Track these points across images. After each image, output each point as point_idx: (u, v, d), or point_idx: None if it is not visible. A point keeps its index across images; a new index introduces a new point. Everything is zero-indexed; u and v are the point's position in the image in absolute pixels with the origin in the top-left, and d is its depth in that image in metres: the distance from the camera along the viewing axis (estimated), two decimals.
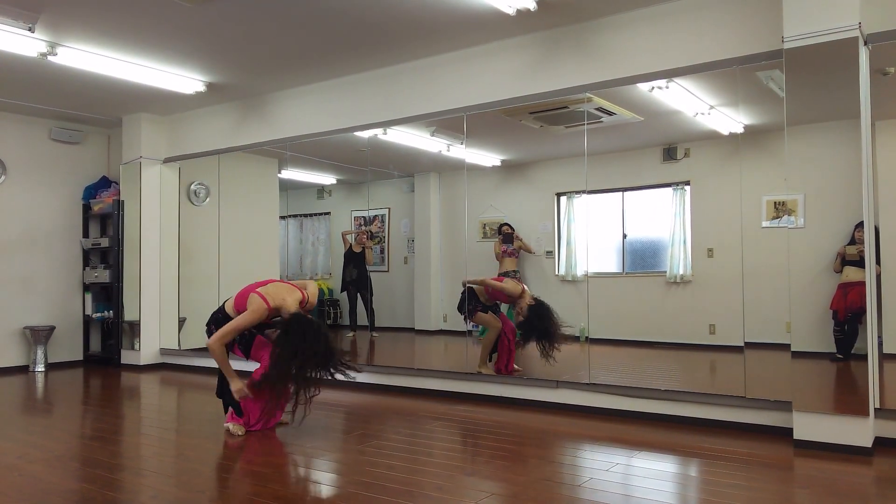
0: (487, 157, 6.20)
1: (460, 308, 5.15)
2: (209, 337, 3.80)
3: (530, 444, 3.61)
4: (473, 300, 5.10)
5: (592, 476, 2.94)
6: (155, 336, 6.71)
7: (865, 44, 3.37)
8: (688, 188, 5.69)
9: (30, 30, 4.34)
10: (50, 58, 4.77)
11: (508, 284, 5.09)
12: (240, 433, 3.72)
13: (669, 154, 5.74)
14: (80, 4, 4.11)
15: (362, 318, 7.23)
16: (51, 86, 5.69)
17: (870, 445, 3.19)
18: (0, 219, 6.50)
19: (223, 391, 3.88)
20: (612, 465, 3.12)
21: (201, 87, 5.66)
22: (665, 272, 5.82)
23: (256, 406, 3.77)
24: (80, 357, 7.02)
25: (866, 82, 3.37)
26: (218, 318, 3.87)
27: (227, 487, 2.90)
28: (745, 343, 3.92)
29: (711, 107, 4.67)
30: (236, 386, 3.74)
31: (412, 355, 6.73)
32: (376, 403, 4.69)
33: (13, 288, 6.55)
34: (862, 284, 3.29)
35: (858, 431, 3.20)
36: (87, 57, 4.91)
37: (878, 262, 3.51)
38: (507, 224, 6.30)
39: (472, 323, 5.15)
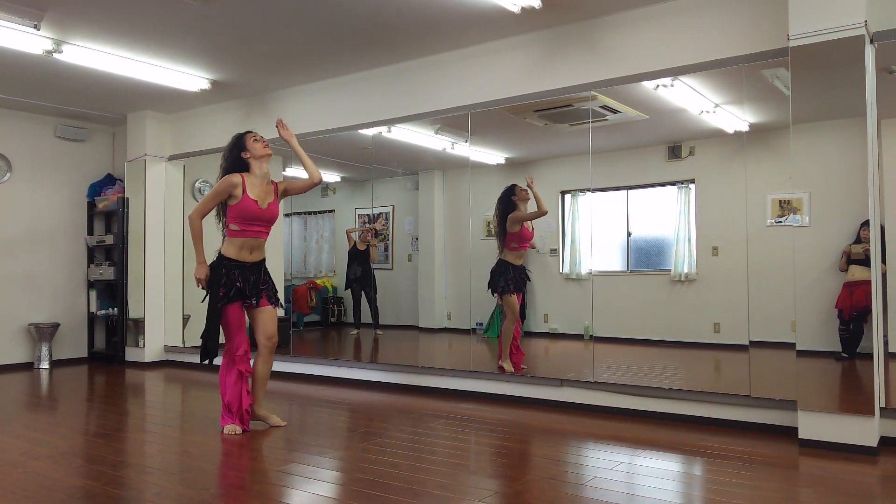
0: (491, 155, 6.19)
1: (491, 285, 5.09)
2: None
3: (534, 442, 3.60)
4: (506, 274, 5.03)
5: (596, 475, 2.94)
6: (159, 333, 6.73)
7: (871, 42, 3.35)
8: (693, 186, 5.68)
9: (35, 27, 4.35)
10: (55, 55, 4.78)
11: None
12: (237, 432, 3.72)
13: (674, 152, 5.72)
14: (86, 2, 4.12)
15: (366, 316, 7.24)
16: (56, 83, 5.70)
17: (875, 445, 3.17)
18: (5, 216, 6.52)
19: (208, 337, 3.69)
20: (616, 463, 3.12)
21: (206, 85, 5.66)
22: (670, 270, 5.80)
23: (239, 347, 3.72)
24: (84, 354, 7.04)
25: (872, 80, 3.35)
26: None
27: (231, 485, 2.90)
28: (750, 342, 3.91)
29: (716, 105, 4.65)
30: (200, 272, 3.65)
31: (416, 353, 6.73)
32: (380, 401, 4.70)
33: (18, 285, 6.58)
34: (868, 283, 3.28)
35: (864, 431, 3.19)
36: (93, 55, 4.92)
37: (883, 260, 3.50)
38: None
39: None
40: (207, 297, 3.73)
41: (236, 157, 3.75)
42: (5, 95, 6.04)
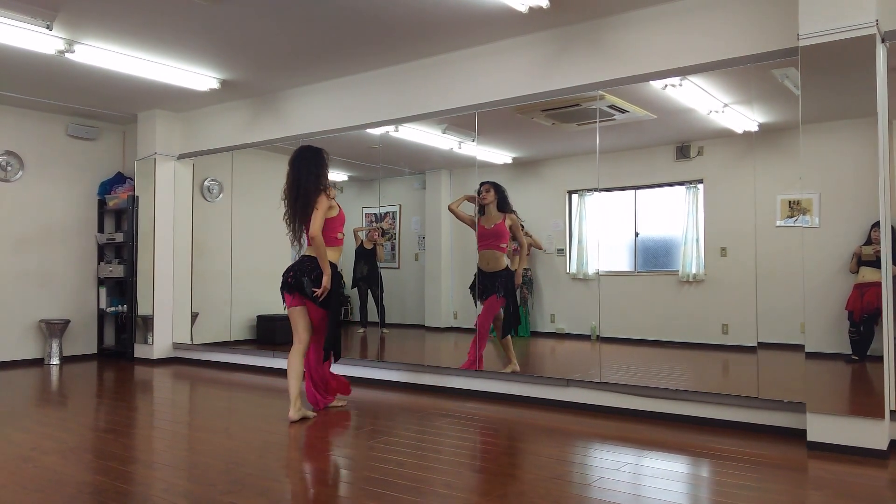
0: (499, 155, 6.19)
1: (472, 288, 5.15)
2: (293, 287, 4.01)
3: (540, 442, 3.60)
4: (475, 281, 5.10)
5: (602, 475, 2.93)
6: (168, 330, 6.77)
7: (882, 41, 3.32)
8: (701, 186, 5.65)
9: (48, 27, 4.39)
10: (67, 55, 4.82)
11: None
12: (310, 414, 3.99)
13: (683, 152, 5.69)
14: (98, 2, 4.14)
15: (373, 315, 7.26)
16: (68, 83, 5.75)
17: (885, 448, 3.15)
18: (17, 213, 6.58)
19: (332, 341, 4.07)
20: (622, 464, 3.11)
21: (215, 85, 5.69)
22: (677, 271, 5.78)
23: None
24: (94, 350, 7.09)
25: (883, 80, 3.33)
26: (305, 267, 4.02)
27: (238, 481, 2.91)
28: (759, 343, 3.89)
29: (725, 105, 4.63)
30: (327, 279, 3.92)
31: (422, 352, 6.74)
32: (386, 400, 4.71)
33: (29, 282, 6.63)
34: (878, 285, 3.25)
35: (873, 434, 3.16)
36: (104, 54, 4.96)
37: (894, 262, 3.47)
38: None
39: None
40: (323, 302, 3.97)
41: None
42: (18, 94, 6.10)
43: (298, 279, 3.97)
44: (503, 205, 5.05)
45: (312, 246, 3.95)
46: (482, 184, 5.09)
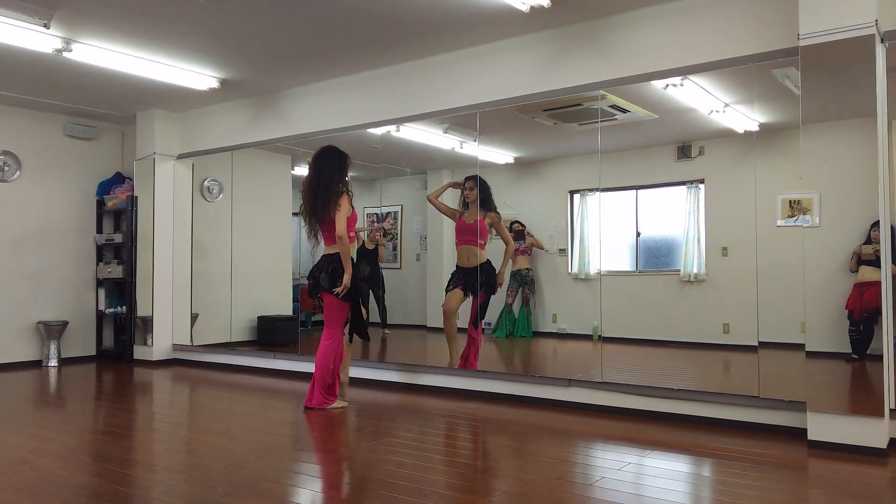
0: (500, 155, 6.19)
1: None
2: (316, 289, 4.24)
3: (541, 442, 3.59)
4: (452, 277, 5.14)
5: (604, 475, 2.93)
6: (167, 332, 6.75)
7: (882, 41, 3.32)
8: (702, 186, 5.65)
9: (45, 26, 4.37)
10: (65, 54, 4.81)
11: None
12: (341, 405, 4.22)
13: (684, 152, 5.70)
14: (96, 1, 4.13)
15: (374, 315, 7.24)
16: (66, 82, 5.73)
17: (885, 446, 3.15)
18: (15, 214, 6.56)
19: (356, 323, 4.30)
20: (624, 464, 3.11)
21: (215, 84, 5.68)
22: (679, 271, 5.78)
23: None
24: (92, 352, 7.07)
25: (883, 80, 3.33)
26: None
27: (238, 483, 2.91)
28: (760, 342, 3.89)
29: (726, 104, 4.63)
30: (348, 278, 4.07)
31: (424, 352, 6.73)
32: (387, 400, 4.70)
33: (27, 283, 6.62)
34: (878, 284, 3.25)
35: (873, 432, 3.17)
36: (102, 53, 4.94)
37: (894, 261, 3.47)
38: (518, 222, 6.29)
39: (486, 321, 5.13)
40: (345, 293, 4.11)
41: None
42: (16, 94, 6.08)
43: (317, 277, 4.20)
44: (486, 202, 5.05)
45: (338, 244, 4.08)
46: (467, 179, 5.09)
